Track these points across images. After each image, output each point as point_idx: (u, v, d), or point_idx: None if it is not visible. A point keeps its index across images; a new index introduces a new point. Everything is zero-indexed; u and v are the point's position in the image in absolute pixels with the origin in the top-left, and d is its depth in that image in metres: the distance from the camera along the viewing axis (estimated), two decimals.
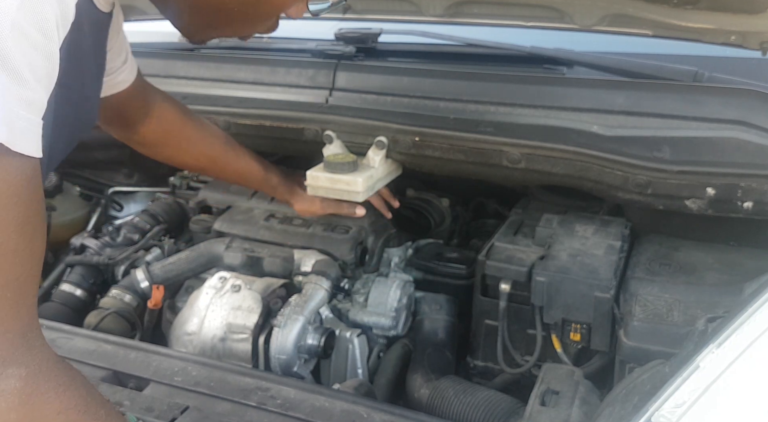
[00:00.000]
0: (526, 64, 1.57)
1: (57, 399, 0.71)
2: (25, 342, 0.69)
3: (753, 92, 1.29)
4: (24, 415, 0.68)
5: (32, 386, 0.69)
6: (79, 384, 0.75)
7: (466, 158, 1.37)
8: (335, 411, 0.99)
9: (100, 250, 1.59)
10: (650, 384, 0.86)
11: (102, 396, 0.80)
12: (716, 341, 0.77)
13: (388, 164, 1.46)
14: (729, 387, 0.73)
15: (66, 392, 0.72)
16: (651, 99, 1.33)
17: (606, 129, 1.30)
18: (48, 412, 0.70)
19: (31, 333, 0.70)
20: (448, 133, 1.37)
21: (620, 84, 1.39)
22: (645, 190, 1.25)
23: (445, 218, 1.71)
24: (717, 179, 1.22)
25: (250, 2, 0.88)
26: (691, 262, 1.30)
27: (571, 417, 1.00)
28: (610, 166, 1.27)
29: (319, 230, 1.48)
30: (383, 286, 1.41)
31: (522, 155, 1.32)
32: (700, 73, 1.41)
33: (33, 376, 0.69)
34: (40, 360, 0.70)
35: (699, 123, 1.27)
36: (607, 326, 1.23)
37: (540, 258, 1.32)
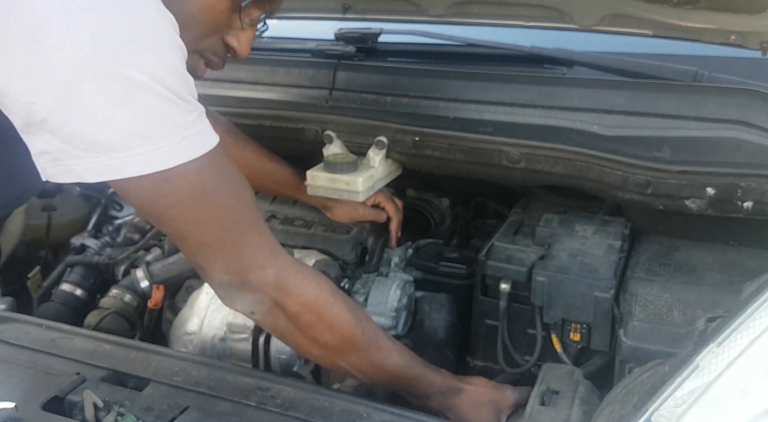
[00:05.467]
0: (526, 64, 1.57)
1: (306, 284, 1.01)
2: (274, 254, 0.99)
3: (753, 92, 1.29)
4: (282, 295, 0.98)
5: (285, 276, 0.98)
6: (322, 278, 1.05)
7: (466, 158, 1.37)
8: (335, 411, 0.99)
9: (100, 250, 1.59)
10: (650, 384, 0.86)
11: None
12: (716, 340, 0.77)
13: (388, 164, 1.46)
14: (729, 387, 0.73)
15: (313, 281, 1.02)
16: (651, 99, 1.33)
17: (606, 129, 1.30)
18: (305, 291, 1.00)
19: (276, 247, 0.99)
20: (448, 133, 1.37)
21: (620, 84, 1.39)
22: (645, 190, 1.25)
23: (445, 218, 1.71)
24: (717, 178, 1.22)
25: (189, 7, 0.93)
26: (691, 262, 1.31)
27: (570, 416, 1.00)
28: (610, 166, 1.27)
29: (319, 230, 1.48)
30: (383, 286, 1.41)
31: (522, 155, 1.32)
32: (700, 73, 1.41)
33: (285, 271, 0.99)
34: (288, 263, 1.00)
35: (699, 123, 1.27)
36: (607, 326, 1.23)
37: (540, 258, 1.32)
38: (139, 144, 0.80)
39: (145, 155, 0.81)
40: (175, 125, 0.83)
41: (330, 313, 1.02)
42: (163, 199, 0.87)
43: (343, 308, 1.04)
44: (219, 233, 0.92)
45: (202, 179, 0.87)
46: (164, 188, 0.85)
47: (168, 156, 0.82)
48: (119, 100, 0.79)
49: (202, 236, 0.92)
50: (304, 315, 1.00)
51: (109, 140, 0.80)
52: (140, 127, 0.80)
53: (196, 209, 0.89)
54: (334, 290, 1.05)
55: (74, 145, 0.81)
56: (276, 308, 0.99)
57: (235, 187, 0.94)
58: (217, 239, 0.92)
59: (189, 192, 0.87)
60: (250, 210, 0.97)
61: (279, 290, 0.98)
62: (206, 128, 0.88)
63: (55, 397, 1.01)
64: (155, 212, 0.90)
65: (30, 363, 1.09)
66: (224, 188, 0.92)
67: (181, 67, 0.85)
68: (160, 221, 0.93)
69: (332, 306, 1.02)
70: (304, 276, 1.02)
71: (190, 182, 0.86)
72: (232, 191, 0.94)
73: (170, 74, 0.82)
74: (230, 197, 0.93)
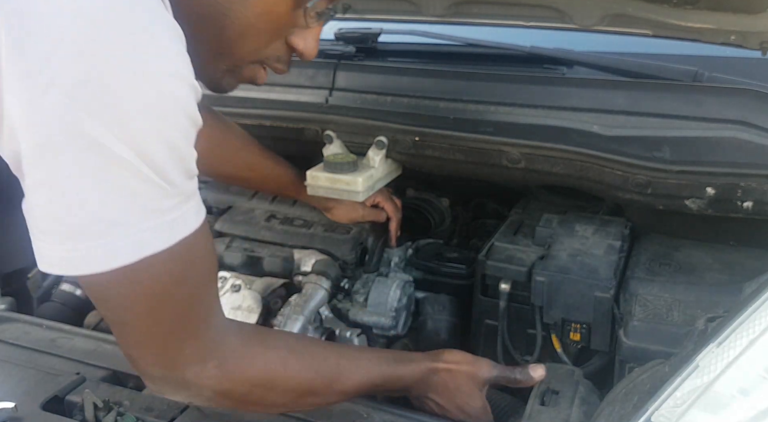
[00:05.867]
0: (526, 64, 1.57)
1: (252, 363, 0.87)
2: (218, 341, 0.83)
3: (753, 92, 1.29)
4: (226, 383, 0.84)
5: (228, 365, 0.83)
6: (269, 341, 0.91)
7: (466, 158, 1.37)
8: (335, 410, 0.99)
9: None
10: (650, 384, 0.86)
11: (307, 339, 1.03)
12: (716, 340, 0.77)
13: (388, 164, 1.46)
14: (729, 387, 0.73)
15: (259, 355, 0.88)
16: (651, 99, 1.33)
17: (606, 129, 1.30)
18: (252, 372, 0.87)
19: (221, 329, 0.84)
20: (448, 133, 1.37)
21: (620, 84, 1.39)
22: (645, 190, 1.25)
23: (445, 218, 1.71)
24: (717, 178, 1.22)
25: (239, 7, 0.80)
26: (691, 262, 1.31)
27: (570, 416, 1.00)
28: (610, 166, 1.27)
29: (319, 230, 1.48)
30: (383, 286, 1.41)
31: (522, 154, 1.32)
32: (700, 73, 1.41)
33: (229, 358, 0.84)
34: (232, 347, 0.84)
35: (699, 123, 1.27)
36: (607, 326, 1.23)
37: (540, 258, 1.32)
38: (101, 234, 0.67)
39: (106, 246, 0.68)
40: (150, 211, 0.69)
41: (282, 379, 0.90)
42: (114, 289, 0.72)
43: (295, 367, 0.91)
44: (166, 326, 0.78)
45: (168, 270, 0.73)
46: (119, 279, 0.71)
47: (133, 248, 0.69)
48: (92, 179, 0.65)
49: (146, 328, 0.77)
50: (253, 393, 0.88)
51: (70, 226, 0.67)
52: (108, 212, 0.67)
53: (148, 302, 0.75)
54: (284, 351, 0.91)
55: (34, 217, 0.69)
56: (219, 395, 0.85)
57: (202, 275, 0.80)
58: (161, 331, 0.78)
59: (148, 284, 0.73)
60: (209, 296, 0.83)
61: (221, 380, 0.83)
62: (189, 211, 0.74)
63: (55, 397, 1.01)
64: (99, 297, 0.76)
65: (30, 363, 1.09)
66: (190, 278, 0.77)
67: (184, 141, 0.71)
68: (99, 304, 0.78)
69: (284, 372, 0.90)
70: (250, 354, 0.87)
71: (153, 274, 0.72)
72: (198, 282, 0.79)
73: (166, 153, 0.68)
74: (192, 289, 0.78)
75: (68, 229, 0.67)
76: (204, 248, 0.79)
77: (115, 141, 0.64)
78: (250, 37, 0.83)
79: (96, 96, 0.63)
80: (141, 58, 0.65)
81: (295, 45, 0.88)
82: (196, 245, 0.75)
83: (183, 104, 0.69)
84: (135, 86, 0.65)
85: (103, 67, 0.63)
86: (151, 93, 0.66)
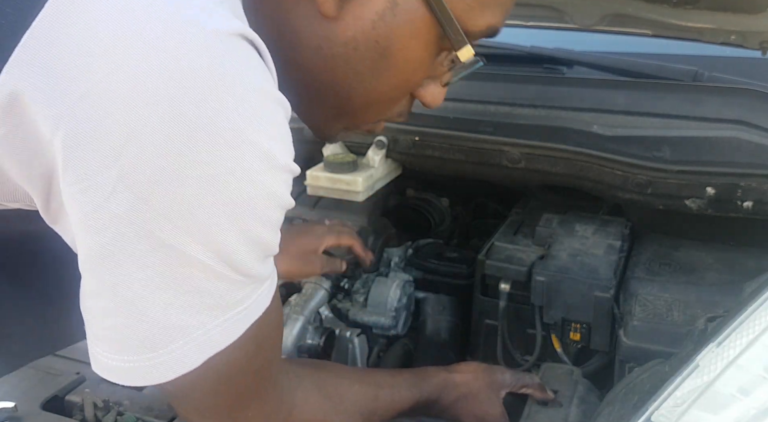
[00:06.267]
0: (526, 64, 1.57)
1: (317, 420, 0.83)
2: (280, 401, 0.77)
3: (753, 92, 1.29)
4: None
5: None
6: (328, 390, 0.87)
7: (466, 157, 1.37)
8: None
9: None
10: (650, 384, 0.86)
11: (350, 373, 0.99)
12: (716, 340, 0.77)
13: (388, 164, 1.46)
14: (729, 387, 0.73)
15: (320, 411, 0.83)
16: (651, 99, 1.33)
17: (606, 129, 1.30)
18: None
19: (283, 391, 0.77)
20: (448, 133, 1.37)
21: (620, 84, 1.39)
22: (645, 190, 1.25)
23: (445, 218, 1.71)
24: (717, 178, 1.22)
25: (370, 79, 0.70)
26: (691, 262, 1.30)
27: (569, 416, 1.00)
28: (610, 166, 1.27)
29: None
30: (383, 286, 1.41)
31: (522, 154, 1.32)
32: (700, 73, 1.41)
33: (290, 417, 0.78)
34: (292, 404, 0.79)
35: (699, 123, 1.27)
36: (606, 325, 1.23)
37: (540, 258, 1.32)
38: (165, 342, 0.58)
39: (170, 355, 0.59)
40: (222, 307, 0.60)
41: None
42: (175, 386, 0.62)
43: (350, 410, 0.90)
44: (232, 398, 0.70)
45: (237, 356, 0.64)
46: (181, 380, 0.61)
47: (200, 351, 0.60)
48: (158, 284, 0.56)
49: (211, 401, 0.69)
50: None
51: (129, 338, 0.58)
52: (174, 318, 0.57)
53: (214, 385, 0.66)
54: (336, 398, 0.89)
55: (90, 320, 0.61)
56: None
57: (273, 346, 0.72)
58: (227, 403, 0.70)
59: (213, 374, 0.63)
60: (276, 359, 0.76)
61: None
62: (263, 292, 0.64)
63: (54, 397, 1.01)
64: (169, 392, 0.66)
65: (30, 363, 1.09)
66: (261, 352, 0.68)
67: (271, 234, 0.61)
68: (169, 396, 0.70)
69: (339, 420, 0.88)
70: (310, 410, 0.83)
71: (221, 364, 0.62)
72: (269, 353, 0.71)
73: (248, 248, 0.58)
74: (262, 361, 0.70)
75: (127, 341, 0.59)
76: (276, 317, 0.70)
77: (189, 242, 0.55)
78: (380, 105, 0.75)
79: (173, 196, 0.53)
80: (237, 152, 0.54)
81: (422, 98, 0.78)
82: (268, 320, 0.66)
83: (278, 198, 0.59)
84: (223, 185, 0.54)
85: (185, 162, 0.52)
86: (240, 191, 0.55)
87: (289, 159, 0.59)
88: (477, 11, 0.68)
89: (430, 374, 1.08)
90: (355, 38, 0.66)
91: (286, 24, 0.66)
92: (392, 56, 0.68)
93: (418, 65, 0.71)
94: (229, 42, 0.54)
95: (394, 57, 0.68)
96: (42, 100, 0.52)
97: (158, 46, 0.51)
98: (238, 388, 0.68)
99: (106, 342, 0.60)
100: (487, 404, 1.08)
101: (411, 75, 0.72)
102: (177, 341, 0.58)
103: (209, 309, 0.59)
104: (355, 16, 0.65)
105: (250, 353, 0.65)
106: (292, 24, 0.67)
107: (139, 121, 0.51)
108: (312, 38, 0.67)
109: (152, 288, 0.56)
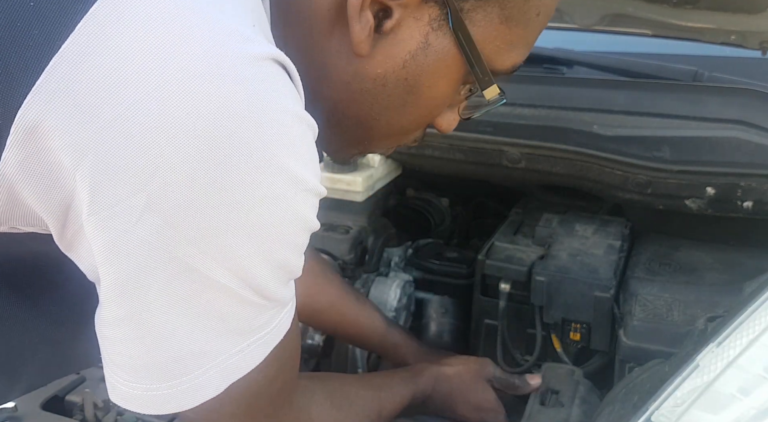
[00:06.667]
0: (526, 64, 1.57)
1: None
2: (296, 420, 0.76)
3: (753, 92, 1.29)
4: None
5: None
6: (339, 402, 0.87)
7: (466, 157, 1.37)
8: None
9: None
10: (650, 384, 0.86)
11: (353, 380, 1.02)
12: (716, 340, 0.77)
13: (388, 164, 1.46)
14: (729, 387, 0.73)
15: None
16: (651, 99, 1.33)
17: (606, 129, 1.30)
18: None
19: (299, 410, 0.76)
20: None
21: (620, 84, 1.39)
22: (645, 190, 1.25)
23: (445, 218, 1.71)
24: (717, 178, 1.22)
25: (394, 114, 0.71)
26: (691, 262, 1.31)
27: (570, 416, 1.00)
28: (610, 166, 1.27)
29: (319, 229, 1.48)
30: (383, 286, 1.41)
31: (522, 154, 1.32)
32: (700, 73, 1.41)
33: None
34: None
35: (699, 123, 1.27)
36: (607, 325, 1.23)
37: (540, 258, 1.32)
38: (187, 370, 0.57)
39: (192, 382, 0.58)
40: (244, 333, 0.59)
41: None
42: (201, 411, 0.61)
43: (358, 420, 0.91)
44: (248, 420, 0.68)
45: (257, 381, 0.63)
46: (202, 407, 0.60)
47: (223, 377, 0.59)
48: (181, 311, 0.55)
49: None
50: None
51: (150, 366, 0.57)
52: (196, 345, 0.56)
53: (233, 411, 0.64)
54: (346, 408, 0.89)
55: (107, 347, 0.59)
56: None
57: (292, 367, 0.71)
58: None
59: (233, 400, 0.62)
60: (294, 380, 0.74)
61: None
62: (285, 316, 0.63)
63: (54, 397, 1.01)
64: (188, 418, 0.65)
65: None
66: (281, 375, 0.67)
67: (296, 257, 0.60)
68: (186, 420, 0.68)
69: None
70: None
71: (241, 390, 0.62)
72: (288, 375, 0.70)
73: (273, 273, 0.58)
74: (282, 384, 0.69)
75: (149, 369, 0.57)
76: (296, 339, 0.69)
77: (215, 267, 0.54)
78: (398, 136, 0.75)
79: (201, 221, 0.52)
80: (269, 178, 0.53)
81: (439, 126, 0.77)
82: (289, 343, 0.65)
83: (306, 222, 0.59)
84: (253, 211, 0.53)
85: (216, 188, 0.51)
86: (269, 217, 0.54)
87: (318, 182, 0.58)
88: (505, 53, 0.69)
89: (422, 369, 1.10)
90: (385, 76, 0.66)
91: (315, 57, 0.66)
92: (419, 93, 0.68)
93: (441, 101, 0.72)
94: (263, 66, 0.54)
95: (421, 94, 0.69)
96: (66, 128, 0.50)
97: (192, 71, 0.50)
98: (257, 412, 0.67)
99: (127, 370, 0.58)
100: (481, 393, 1.11)
101: (434, 110, 0.73)
102: (200, 368, 0.57)
103: (232, 335, 0.58)
104: (387, 54, 0.65)
105: (270, 376, 0.65)
106: (322, 58, 0.66)
107: (170, 146, 0.50)
108: (342, 74, 0.67)
109: (176, 314, 0.55)
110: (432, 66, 0.67)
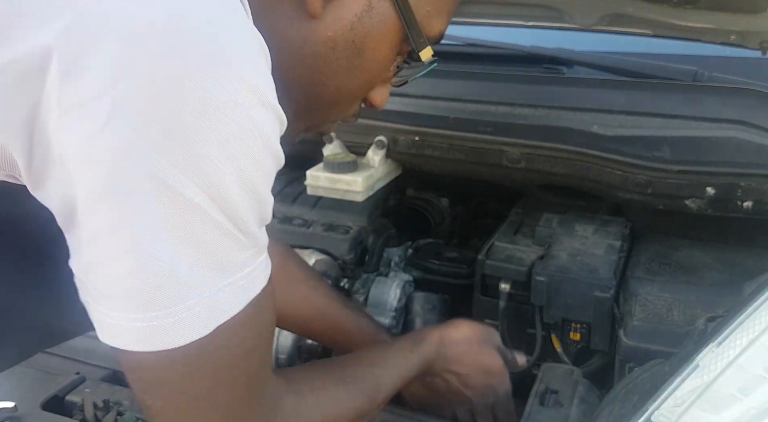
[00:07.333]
0: (526, 64, 1.57)
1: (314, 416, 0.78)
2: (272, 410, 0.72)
3: (753, 92, 1.29)
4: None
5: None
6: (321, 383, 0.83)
7: (466, 157, 1.37)
8: None
9: None
10: (650, 384, 0.86)
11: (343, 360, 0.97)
12: (716, 340, 0.77)
13: (388, 164, 1.46)
14: (729, 387, 0.73)
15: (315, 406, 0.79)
16: (651, 99, 1.33)
17: (606, 129, 1.30)
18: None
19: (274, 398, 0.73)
20: (447, 133, 1.37)
21: (620, 84, 1.39)
22: (645, 189, 1.25)
23: (445, 218, 1.71)
24: (717, 178, 1.22)
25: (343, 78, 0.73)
26: (691, 262, 1.31)
27: (569, 416, 1.00)
28: (610, 166, 1.27)
29: (319, 229, 1.48)
30: (383, 285, 1.41)
31: (522, 154, 1.32)
32: (700, 73, 1.41)
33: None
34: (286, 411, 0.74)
35: (699, 123, 1.27)
36: (607, 325, 1.23)
37: (540, 258, 1.32)
38: (175, 298, 0.56)
39: (180, 314, 0.56)
40: (225, 267, 0.58)
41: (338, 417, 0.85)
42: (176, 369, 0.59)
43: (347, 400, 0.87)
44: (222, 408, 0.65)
45: (240, 338, 0.62)
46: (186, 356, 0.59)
47: (209, 314, 0.58)
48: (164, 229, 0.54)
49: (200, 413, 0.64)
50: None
51: (139, 288, 0.55)
52: (181, 270, 0.56)
53: (209, 382, 0.62)
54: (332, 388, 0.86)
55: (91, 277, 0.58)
56: None
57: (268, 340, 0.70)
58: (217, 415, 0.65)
59: (214, 359, 0.61)
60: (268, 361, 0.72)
61: None
62: (260, 266, 0.63)
63: (54, 397, 1.01)
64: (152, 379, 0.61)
65: (30, 362, 1.09)
66: (259, 346, 0.66)
67: (264, 184, 0.60)
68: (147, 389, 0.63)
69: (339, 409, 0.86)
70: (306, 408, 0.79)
71: (222, 345, 0.60)
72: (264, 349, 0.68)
73: (243, 197, 0.57)
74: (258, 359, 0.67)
75: (130, 295, 0.56)
76: (271, 307, 0.67)
77: (187, 182, 0.53)
78: (343, 104, 0.78)
79: (168, 129, 0.52)
80: (231, 86, 0.54)
81: (373, 100, 0.81)
82: (265, 305, 0.64)
83: (270, 140, 0.58)
84: (218, 117, 0.54)
85: (179, 94, 0.52)
86: (235, 125, 0.55)
87: (277, 104, 0.59)
88: (434, 18, 0.75)
89: (425, 335, 1.08)
90: (335, 39, 0.70)
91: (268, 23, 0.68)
92: (365, 56, 0.72)
93: (384, 65, 0.76)
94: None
95: (366, 57, 0.73)
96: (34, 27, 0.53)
97: None
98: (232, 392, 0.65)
99: (111, 297, 0.57)
100: (489, 356, 1.12)
101: (377, 74, 0.77)
102: (183, 301, 0.56)
103: (212, 268, 0.57)
104: (336, 16, 0.69)
105: (253, 337, 0.64)
106: (275, 23, 0.69)
107: (129, 51, 0.52)
108: (294, 39, 0.70)
109: (154, 235, 0.54)
110: (375, 28, 0.71)
